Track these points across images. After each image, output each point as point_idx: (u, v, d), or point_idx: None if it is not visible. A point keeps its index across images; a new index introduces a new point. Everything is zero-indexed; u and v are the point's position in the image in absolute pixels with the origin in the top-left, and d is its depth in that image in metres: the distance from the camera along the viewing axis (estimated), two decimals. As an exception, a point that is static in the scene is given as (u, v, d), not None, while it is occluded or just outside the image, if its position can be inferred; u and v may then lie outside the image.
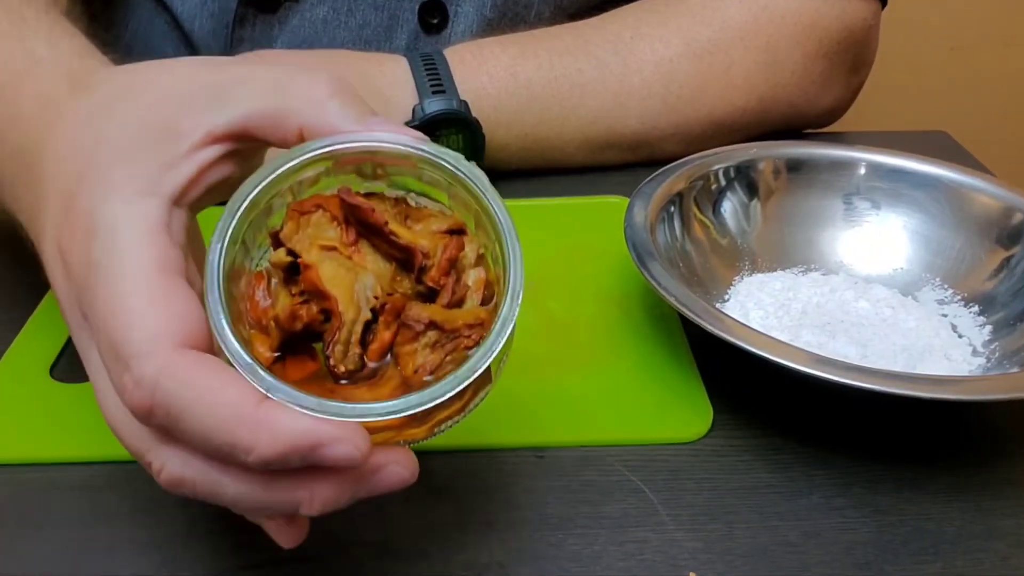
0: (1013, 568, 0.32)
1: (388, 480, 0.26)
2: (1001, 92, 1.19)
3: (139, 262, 0.25)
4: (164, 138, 0.27)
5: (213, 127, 0.27)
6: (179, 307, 0.25)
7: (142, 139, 0.27)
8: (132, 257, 0.25)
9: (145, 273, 0.25)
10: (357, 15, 0.58)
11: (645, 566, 0.32)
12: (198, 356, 0.24)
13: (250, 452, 0.23)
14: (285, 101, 0.27)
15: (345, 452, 0.24)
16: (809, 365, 0.33)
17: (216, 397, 0.24)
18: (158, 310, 0.25)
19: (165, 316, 0.25)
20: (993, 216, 0.45)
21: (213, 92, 0.28)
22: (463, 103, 0.51)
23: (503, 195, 0.57)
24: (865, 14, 0.58)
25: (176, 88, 0.29)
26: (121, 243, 0.25)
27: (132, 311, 0.25)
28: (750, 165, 0.47)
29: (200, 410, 0.24)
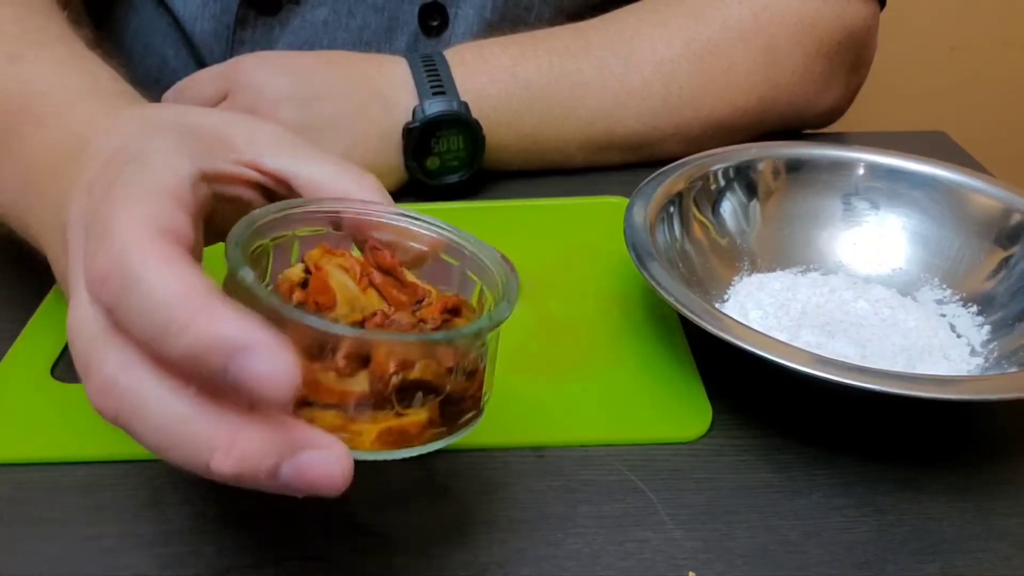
0: (1014, 568, 0.32)
1: (314, 467, 0.23)
2: (1000, 92, 1.19)
3: (158, 182, 0.26)
4: (218, 143, 0.29)
5: (264, 160, 0.29)
6: (168, 209, 0.25)
7: (193, 134, 0.29)
8: (155, 177, 0.26)
9: (159, 190, 0.26)
10: (357, 17, 0.59)
11: (645, 566, 0.32)
12: (174, 245, 0.24)
13: (183, 329, 0.22)
14: (341, 179, 0.30)
15: (272, 367, 0.22)
16: (809, 365, 0.33)
17: (174, 273, 0.23)
18: (156, 208, 0.25)
19: (158, 212, 0.25)
20: (992, 216, 0.45)
21: (274, 136, 0.30)
22: (463, 104, 0.51)
23: (503, 195, 0.58)
24: (865, 14, 0.58)
25: (236, 118, 0.31)
26: (148, 169, 0.26)
27: (132, 202, 0.25)
28: (749, 165, 0.47)
29: (152, 283, 0.23)
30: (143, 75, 0.64)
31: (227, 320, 0.23)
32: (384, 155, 0.52)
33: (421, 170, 0.52)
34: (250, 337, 0.22)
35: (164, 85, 0.52)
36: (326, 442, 0.24)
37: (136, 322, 0.24)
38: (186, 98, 0.50)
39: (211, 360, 0.23)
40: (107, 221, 0.25)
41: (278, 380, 0.22)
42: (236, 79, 0.49)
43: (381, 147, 0.51)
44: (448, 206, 0.53)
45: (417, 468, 0.35)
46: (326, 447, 0.24)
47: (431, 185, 0.53)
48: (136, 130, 0.29)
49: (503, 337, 0.42)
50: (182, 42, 0.61)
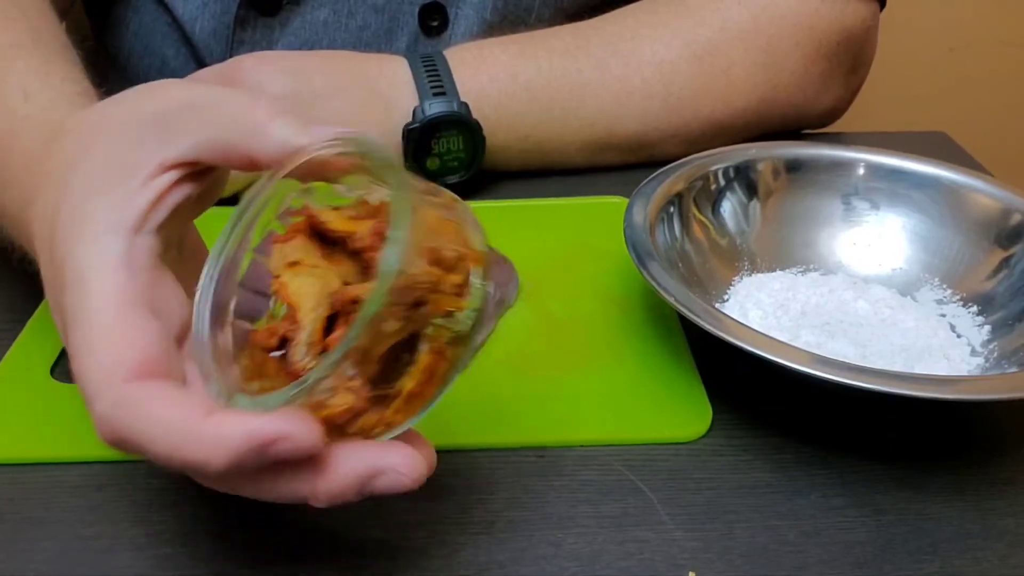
0: (1012, 567, 0.32)
1: (387, 484, 0.26)
2: (999, 93, 1.19)
3: (99, 302, 0.27)
4: (121, 174, 0.29)
5: (163, 159, 0.29)
6: (132, 336, 0.26)
7: (102, 180, 0.29)
8: (93, 298, 0.27)
9: (103, 310, 0.27)
10: (357, 17, 0.59)
11: (645, 565, 0.32)
12: (146, 386, 0.26)
13: (207, 466, 0.24)
14: (229, 131, 0.29)
15: (294, 446, 0.25)
16: (808, 365, 0.33)
17: (165, 422, 0.25)
18: (112, 345, 0.26)
19: (118, 349, 0.26)
20: (992, 216, 0.45)
21: (161, 125, 0.29)
22: (464, 104, 0.51)
23: (503, 196, 0.58)
24: (864, 15, 0.58)
25: (127, 125, 0.30)
26: (84, 286, 0.27)
27: (90, 349, 0.26)
28: (749, 165, 0.47)
29: (155, 436, 0.25)
30: (143, 75, 0.64)
31: (234, 436, 0.24)
32: (384, 155, 0.52)
33: (421, 171, 0.53)
34: (260, 436, 0.24)
35: (164, 85, 0.52)
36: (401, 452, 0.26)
37: (163, 462, 0.26)
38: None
39: (244, 466, 0.25)
40: (78, 374, 0.26)
41: (309, 445, 0.25)
42: (236, 79, 0.49)
43: (381, 147, 0.51)
44: (448, 206, 0.53)
45: (417, 468, 0.35)
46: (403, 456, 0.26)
47: (431, 185, 0.53)
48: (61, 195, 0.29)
49: (503, 337, 0.42)
50: (182, 42, 0.61)
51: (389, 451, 0.26)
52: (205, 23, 0.59)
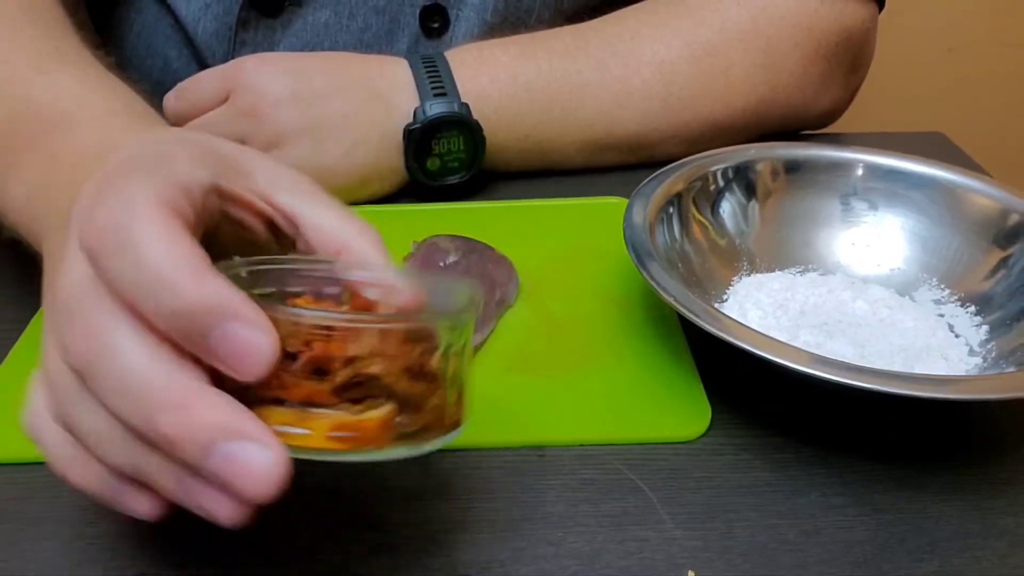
0: (1011, 567, 0.32)
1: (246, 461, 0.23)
2: (998, 93, 1.20)
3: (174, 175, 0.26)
4: (235, 166, 0.29)
5: (278, 196, 0.30)
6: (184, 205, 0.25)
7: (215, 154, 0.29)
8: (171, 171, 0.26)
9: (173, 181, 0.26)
10: (359, 19, 0.59)
11: (645, 564, 0.32)
12: (176, 218, 0.24)
13: (173, 290, 0.23)
14: (344, 228, 0.30)
15: (252, 336, 0.23)
16: (807, 365, 0.33)
17: (174, 240, 0.24)
18: (166, 190, 0.25)
19: (168, 193, 0.25)
20: (990, 217, 0.45)
21: (292, 178, 0.31)
22: (464, 105, 0.51)
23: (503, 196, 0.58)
24: (863, 16, 0.58)
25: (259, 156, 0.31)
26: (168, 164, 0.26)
27: (145, 178, 0.25)
28: (748, 166, 0.47)
29: (148, 242, 0.23)
30: (145, 76, 0.64)
31: (217, 287, 0.23)
32: (385, 156, 0.52)
33: (421, 171, 0.53)
34: (238, 308, 0.23)
35: (166, 86, 0.52)
36: (268, 440, 0.23)
37: (126, 278, 0.24)
38: (188, 99, 0.50)
39: (196, 322, 0.23)
40: (117, 185, 0.25)
41: (258, 351, 0.23)
42: (238, 80, 0.49)
43: (382, 148, 0.51)
44: (448, 207, 0.53)
45: (418, 467, 0.35)
46: (266, 444, 0.23)
47: (432, 186, 0.53)
48: (162, 140, 0.30)
49: (503, 337, 0.43)
50: (184, 43, 0.61)
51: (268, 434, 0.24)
52: (207, 24, 0.59)
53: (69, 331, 0.25)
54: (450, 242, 0.47)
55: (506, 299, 0.44)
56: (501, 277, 0.45)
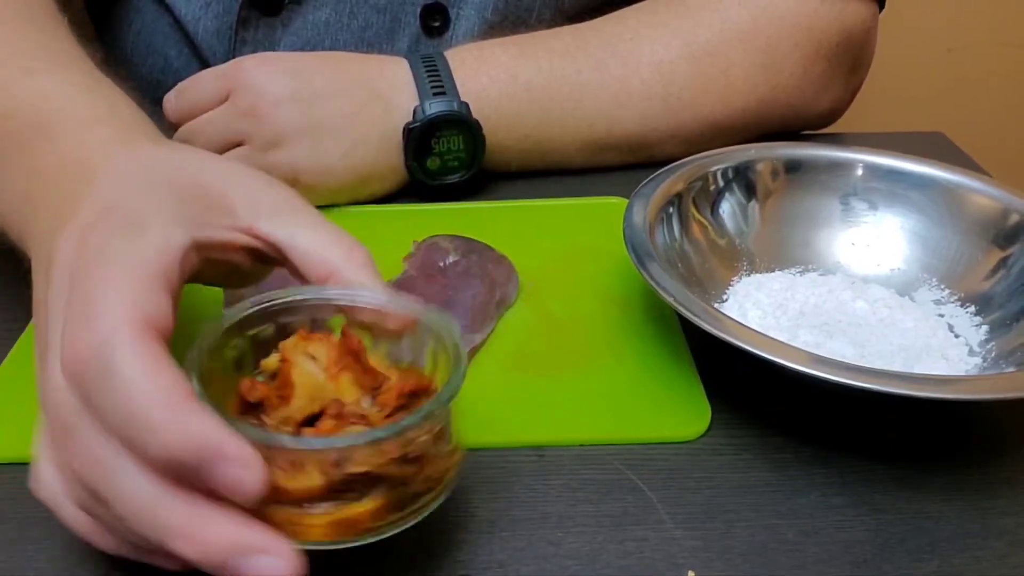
0: (1011, 567, 0.32)
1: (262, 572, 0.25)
2: (997, 93, 1.20)
3: (142, 258, 0.26)
4: (216, 207, 0.29)
5: (260, 226, 0.30)
6: (152, 298, 0.26)
7: (192, 196, 0.29)
8: (140, 252, 0.26)
9: (142, 265, 0.26)
10: (359, 17, 0.59)
11: (644, 564, 0.32)
12: (155, 341, 0.25)
13: (159, 434, 0.23)
14: (331, 252, 0.30)
15: (241, 475, 0.24)
16: (807, 365, 0.33)
17: (154, 374, 0.24)
18: (135, 292, 0.25)
19: (136, 298, 0.25)
20: (990, 217, 0.45)
21: (275, 201, 0.31)
22: (464, 104, 0.51)
23: (503, 196, 0.58)
24: (863, 16, 0.58)
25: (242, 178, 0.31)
26: (141, 240, 0.27)
27: (118, 283, 0.26)
28: (748, 166, 0.47)
29: (130, 380, 0.24)
30: (145, 75, 0.64)
31: (201, 427, 0.24)
32: (384, 155, 0.52)
33: (421, 170, 0.53)
34: (223, 448, 0.24)
35: (166, 86, 0.52)
36: (279, 549, 0.25)
37: (109, 414, 0.24)
38: (188, 98, 0.50)
39: (183, 465, 0.24)
40: (92, 299, 0.25)
41: (249, 486, 0.24)
42: (237, 79, 0.49)
43: (382, 147, 0.51)
44: (448, 206, 0.53)
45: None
46: (277, 553, 0.25)
47: (431, 185, 0.53)
48: (137, 185, 0.30)
49: (503, 337, 0.43)
50: (184, 43, 0.61)
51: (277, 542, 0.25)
52: (208, 23, 0.59)
53: (69, 450, 0.26)
54: (450, 242, 0.47)
55: (506, 299, 0.44)
56: (501, 277, 0.45)
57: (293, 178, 0.50)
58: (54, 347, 0.26)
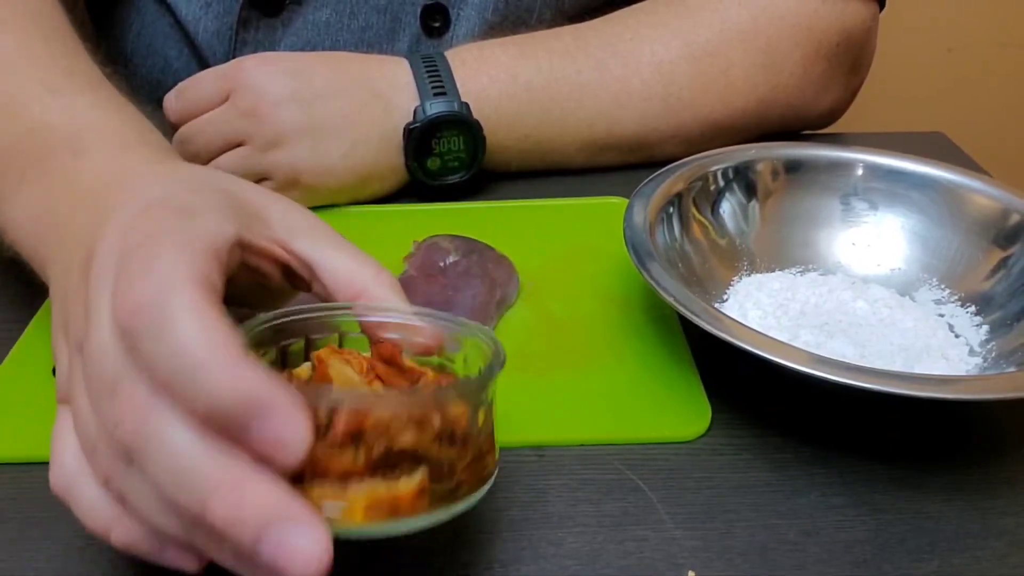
0: (1011, 567, 0.32)
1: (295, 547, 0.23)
2: (998, 93, 1.20)
3: (205, 238, 0.26)
4: (257, 218, 0.30)
5: (294, 242, 0.30)
6: (209, 271, 0.26)
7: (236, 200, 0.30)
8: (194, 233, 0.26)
9: (205, 246, 0.26)
10: (359, 18, 0.59)
11: (644, 564, 0.32)
12: (212, 296, 0.25)
13: (211, 383, 0.23)
14: (359, 272, 0.31)
15: (287, 430, 0.23)
16: (808, 365, 0.33)
17: (210, 326, 0.24)
18: (200, 260, 0.25)
19: (202, 264, 0.25)
20: (990, 217, 0.45)
21: (308, 223, 0.32)
22: (464, 105, 0.51)
23: (503, 196, 0.58)
24: (864, 16, 0.58)
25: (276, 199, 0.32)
26: (193, 224, 0.27)
27: (179, 248, 0.25)
28: (748, 166, 0.47)
29: (184, 327, 0.23)
30: (145, 76, 0.64)
31: (253, 378, 0.23)
32: (385, 155, 0.52)
33: (422, 170, 0.53)
34: (273, 398, 0.23)
35: (166, 86, 0.52)
36: (315, 524, 0.24)
37: (161, 362, 0.24)
38: (188, 98, 0.50)
39: (232, 415, 0.23)
40: (149, 259, 0.25)
41: (294, 444, 0.23)
42: (238, 80, 0.49)
43: (382, 147, 0.51)
44: (448, 206, 0.53)
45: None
46: (312, 529, 0.23)
47: (432, 185, 0.53)
48: (182, 185, 0.30)
49: (503, 337, 0.43)
50: (184, 43, 0.61)
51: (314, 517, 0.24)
52: (208, 24, 0.59)
53: (112, 409, 0.25)
54: (450, 242, 0.47)
55: (506, 299, 0.44)
56: (501, 277, 0.45)
57: (293, 178, 0.50)
58: (98, 315, 0.26)
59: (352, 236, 0.48)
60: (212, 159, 0.50)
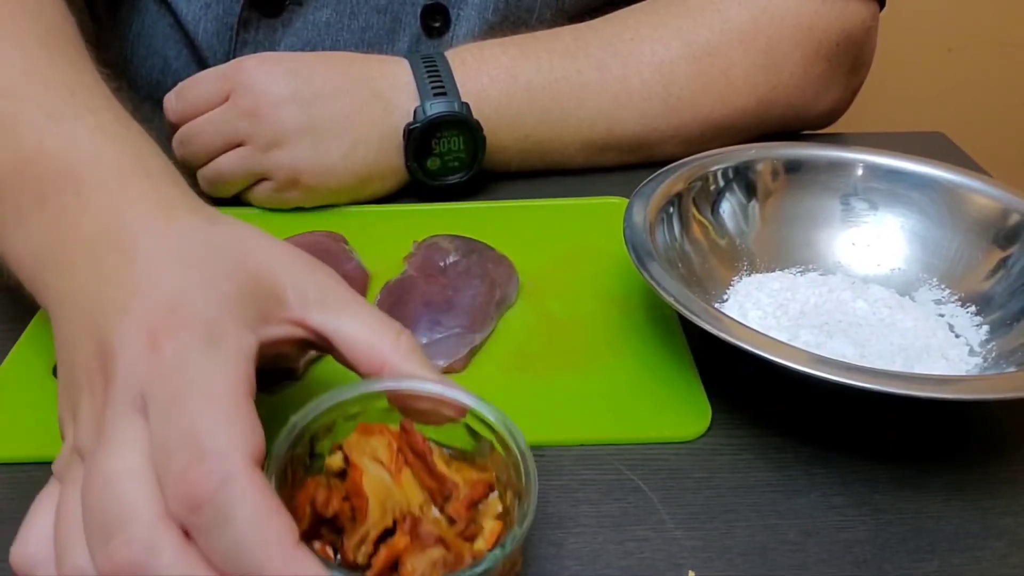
0: (1011, 566, 0.32)
1: None
2: (997, 93, 1.20)
3: (231, 380, 0.27)
4: (271, 299, 0.30)
5: (311, 317, 0.30)
6: (253, 425, 0.26)
7: (252, 293, 0.30)
8: (226, 372, 0.27)
9: (234, 389, 0.26)
10: (360, 18, 0.59)
11: (645, 564, 0.32)
12: (263, 476, 0.25)
13: (272, 567, 0.24)
14: (378, 342, 0.31)
15: None
16: (808, 365, 0.33)
17: (268, 518, 0.24)
18: (240, 423, 0.26)
19: (243, 430, 0.26)
20: (990, 216, 0.45)
21: (322, 289, 0.31)
22: (464, 105, 0.51)
23: (503, 196, 0.58)
24: (864, 16, 0.58)
25: (288, 264, 0.31)
26: (221, 355, 0.27)
27: (219, 413, 0.26)
28: (749, 166, 0.47)
29: (250, 522, 0.24)
30: (145, 76, 0.64)
31: (303, 567, 0.24)
32: (385, 156, 0.52)
33: (422, 171, 0.53)
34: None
35: (166, 86, 0.52)
36: None
37: (222, 552, 0.24)
38: (188, 99, 0.50)
39: None
40: (198, 432, 0.25)
41: None
42: (238, 80, 0.49)
43: (382, 148, 0.51)
44: (448, 206, 0.53)
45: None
46: None
47: (432, 186, 0.53)
48: (197, 279, 0.29)
49: (503, 337, 0.43)
50: (184, 43, 0.61)
51: None
52: (208, 24, 0.59)
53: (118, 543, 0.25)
54: (450, 242, 0.47)
55: (506, 299, 0.44)
56: (501, 277, 0.45)
57: (293, 178, 0.50)
58: (115, 446, 0.26)
59: (352, 236, 0.49)
60: (212, 159, 0.50)
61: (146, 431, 0.26)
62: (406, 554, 0.28)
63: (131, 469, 0.26)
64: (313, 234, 0.48)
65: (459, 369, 0.40)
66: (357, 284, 0.45)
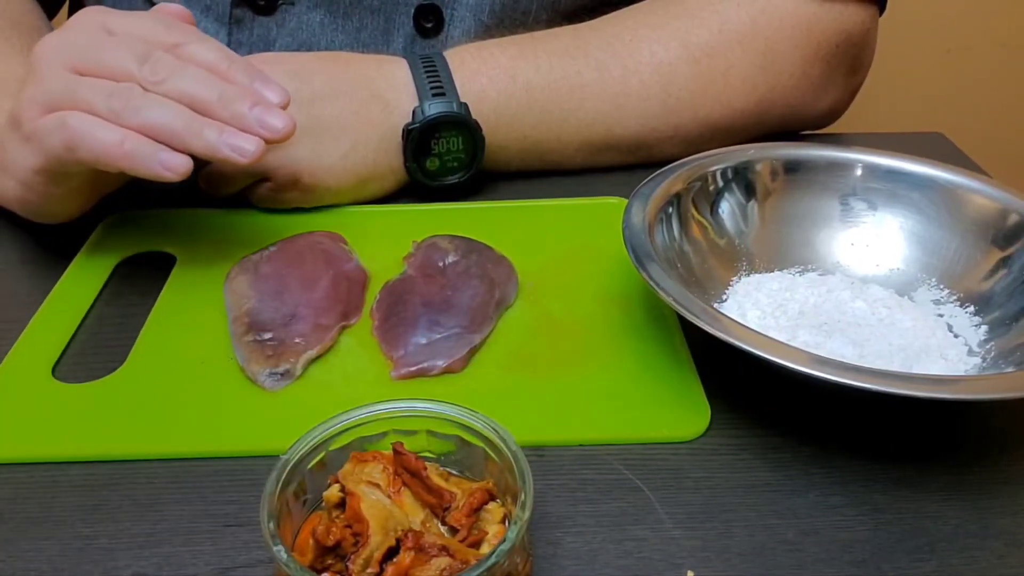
0: (1009, 566, 0.32)
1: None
2: (996, 94, 1.20)
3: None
4: None
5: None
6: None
7: None
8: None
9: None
10: (354, 19, 0.59)
11: (644, 564, 0.32)
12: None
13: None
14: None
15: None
16: (806, 365, 0.33)
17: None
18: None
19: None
20: (989, 217, 0.45)
21: None
22: (463, 105, 0.51)
23: (503, 196, 0.58)
24: (863, 17, 0.58)
25: None
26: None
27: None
28: (748, 166, 0.48)
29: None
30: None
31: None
32: (384, 156, 0.52)
33: (421, 171, 0.53)
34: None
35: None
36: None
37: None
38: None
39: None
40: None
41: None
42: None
43: (381, 148, 0.51)
44: (448, 206, 0.53)
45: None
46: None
47: (431, 186, 0.53)
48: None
49: (503, 337, 0.43)
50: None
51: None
52: (204, 25, 0.59)
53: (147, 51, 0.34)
54: (450, 242, 0.47)
55: (505, 299, 0.44)
56: (500, 277, 0.45)
57: (293, 178, 0.50)
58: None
59: (352, 236, 0.49)
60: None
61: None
62: (413, 569, 0.28)
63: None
64: (313, 234, 0.48)
65: (458, 369, 0.40)
66: (357, 284, 0.45)
